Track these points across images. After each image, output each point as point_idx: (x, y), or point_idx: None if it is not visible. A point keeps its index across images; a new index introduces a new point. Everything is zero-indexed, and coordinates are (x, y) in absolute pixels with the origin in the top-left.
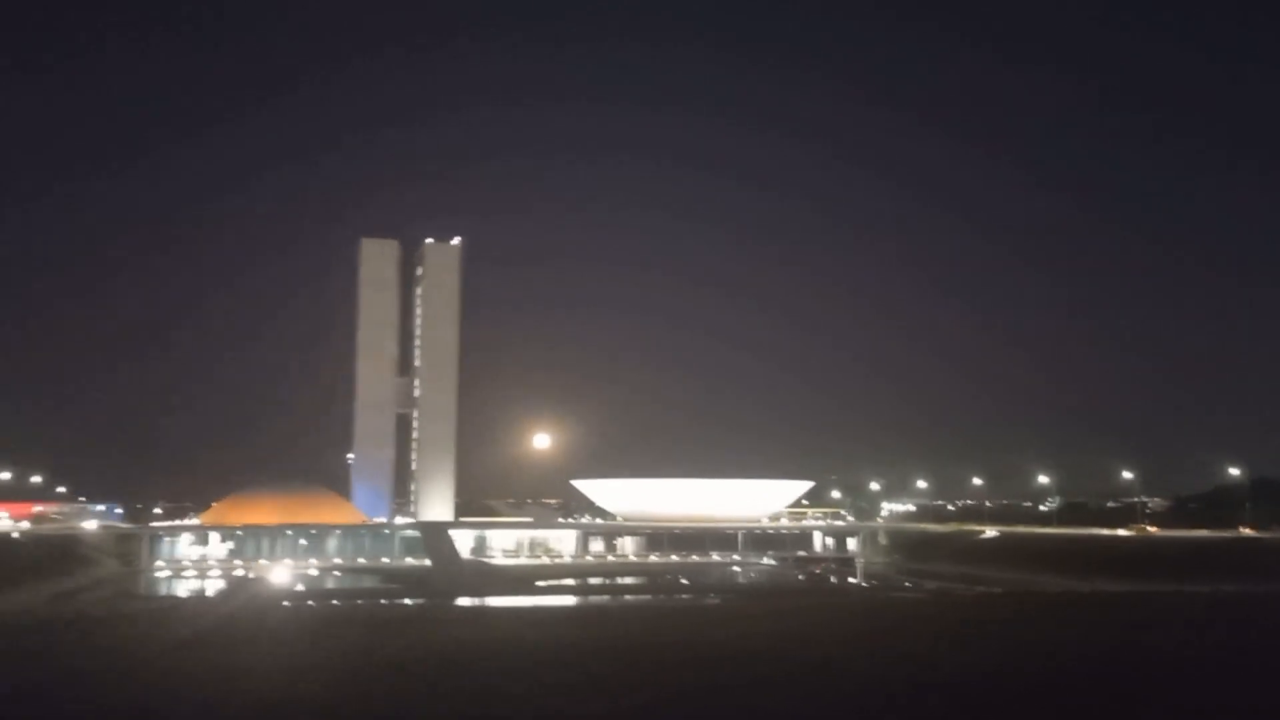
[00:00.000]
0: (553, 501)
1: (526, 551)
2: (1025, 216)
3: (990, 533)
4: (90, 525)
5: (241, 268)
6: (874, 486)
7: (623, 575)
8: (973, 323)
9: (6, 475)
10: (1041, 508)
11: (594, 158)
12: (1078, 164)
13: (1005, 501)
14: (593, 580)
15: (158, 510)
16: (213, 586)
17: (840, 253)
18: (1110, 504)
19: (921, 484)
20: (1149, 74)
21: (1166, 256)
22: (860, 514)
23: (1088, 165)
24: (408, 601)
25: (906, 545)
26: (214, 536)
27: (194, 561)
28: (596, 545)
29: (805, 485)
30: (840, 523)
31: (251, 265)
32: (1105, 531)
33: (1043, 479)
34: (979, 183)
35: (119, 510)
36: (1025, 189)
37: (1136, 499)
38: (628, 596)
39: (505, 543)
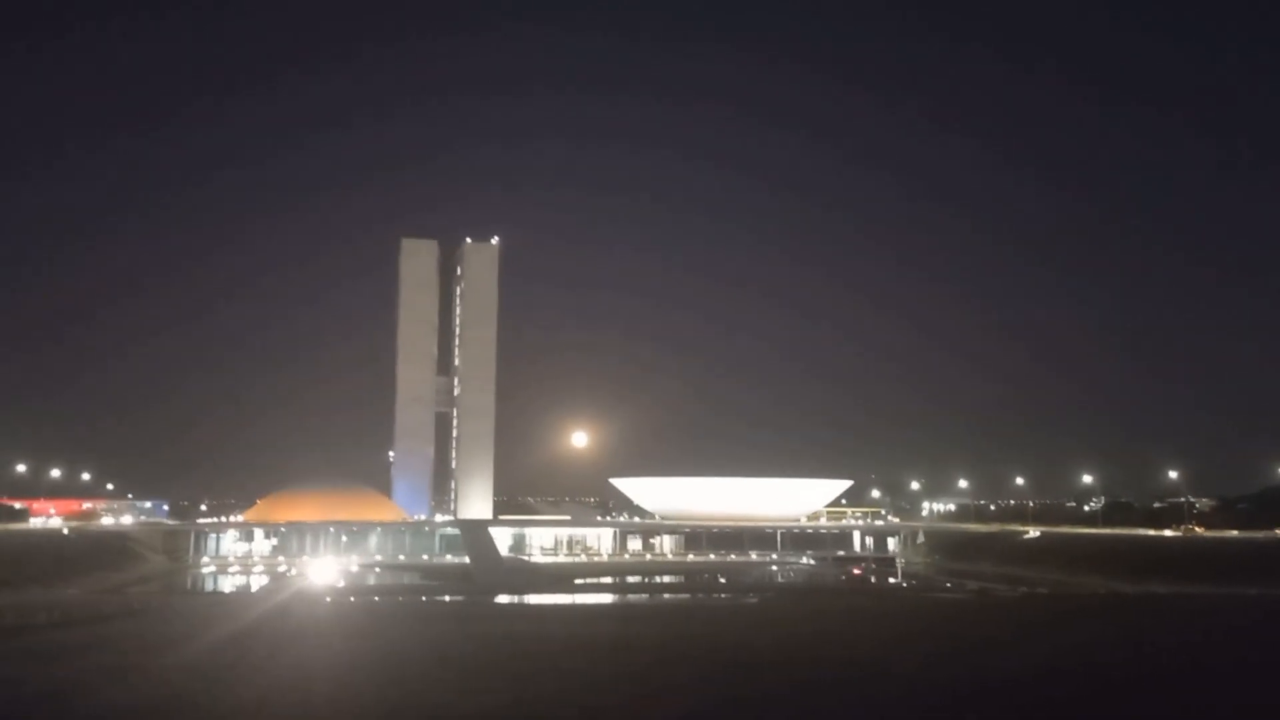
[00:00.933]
0: (591, 500)
1: (565, 549)
2: (1070, 222)
3: (1033, 533)
4: (126, 520)
5: (283, 267)
6: (914, 486)
7: (661, 574)
8: (1016, 326)
9: (57, 473)
10: (1085, 508)
11: (632, 157)
12: (1093, 166)
13: (1048, 501)
14: (631, 578)
15: (203, 507)
16: (257, 582)
17: (880, 257)
18: (1157, 505)
19: (963, 484)
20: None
21: (1213, 260)
22: (900, 514)
23: (1110, 168)
24: (448, 598)
25: (948, 545)
26: (258, 533)
27: (239, 557)
28: (634, 544)
29: (844, 484)
30: (880, 522)
31: (293, 265)
32: (1151, 532)
33: (1087, 479)
34: (1013, 190)
35: (165, 507)
36: (1054, 194)
37: (1184, 499)
38: (666, 595)
39: (544, 540)
